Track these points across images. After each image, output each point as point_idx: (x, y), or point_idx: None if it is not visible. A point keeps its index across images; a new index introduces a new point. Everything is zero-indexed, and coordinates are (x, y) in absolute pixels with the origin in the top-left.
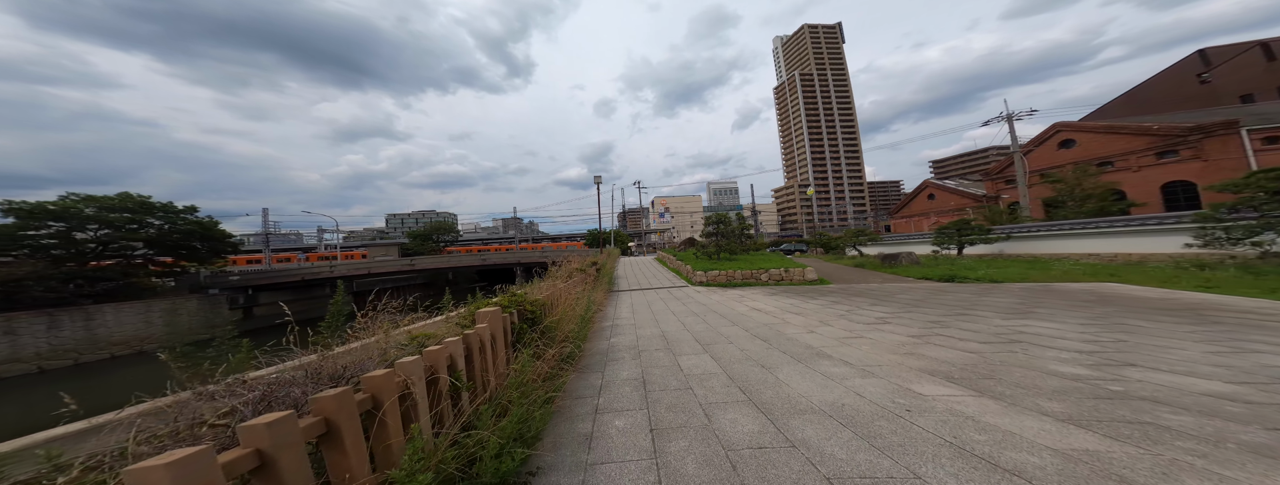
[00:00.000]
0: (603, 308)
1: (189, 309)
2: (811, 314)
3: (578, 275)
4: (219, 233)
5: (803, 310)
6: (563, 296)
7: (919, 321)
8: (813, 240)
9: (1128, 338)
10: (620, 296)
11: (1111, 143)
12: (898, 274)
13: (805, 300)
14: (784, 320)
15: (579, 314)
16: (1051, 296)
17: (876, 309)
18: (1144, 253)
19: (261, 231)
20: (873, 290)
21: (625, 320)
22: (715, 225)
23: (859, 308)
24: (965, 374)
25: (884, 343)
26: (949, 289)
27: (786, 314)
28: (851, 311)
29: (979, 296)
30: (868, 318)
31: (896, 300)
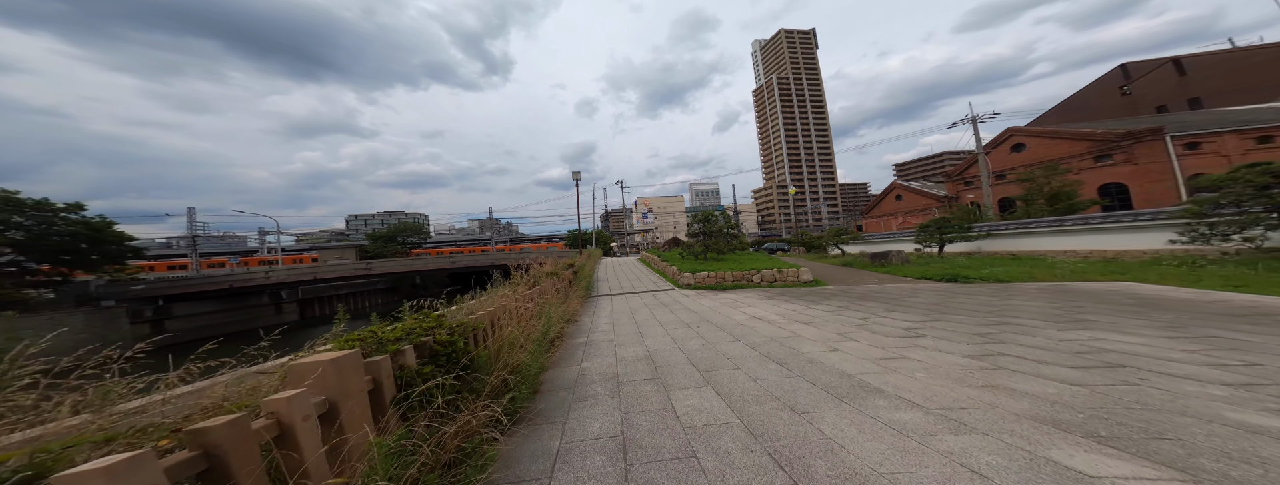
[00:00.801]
0: (577, 318)
1: (74, 325)
2: (823, 324)
3: (548, 280)
4: (113, 234)
5: (811, 319)
6: (514, 312)
7: (960, 334)
8: (794, 239)
9: (1257, 360)
10: (599, 303)
11: (1056, 147)
12: (892, 273)
13: (809, 306)
14: (794, 332)
15: (537, 334)
16: (1082, 299)
17: (896, 317)
18: (1119, 250)
19: (187, 233)
20: (877, 293)
21: (603, 334)
22: (701, 224)
23: (875, 315)
24: (1107, 425)
25: (939, 367)
26: (959, 291)
27: (794, 324)
28: (868, 320)
29: (1001, 300)
30: (893, 328)
31: (911, 305)
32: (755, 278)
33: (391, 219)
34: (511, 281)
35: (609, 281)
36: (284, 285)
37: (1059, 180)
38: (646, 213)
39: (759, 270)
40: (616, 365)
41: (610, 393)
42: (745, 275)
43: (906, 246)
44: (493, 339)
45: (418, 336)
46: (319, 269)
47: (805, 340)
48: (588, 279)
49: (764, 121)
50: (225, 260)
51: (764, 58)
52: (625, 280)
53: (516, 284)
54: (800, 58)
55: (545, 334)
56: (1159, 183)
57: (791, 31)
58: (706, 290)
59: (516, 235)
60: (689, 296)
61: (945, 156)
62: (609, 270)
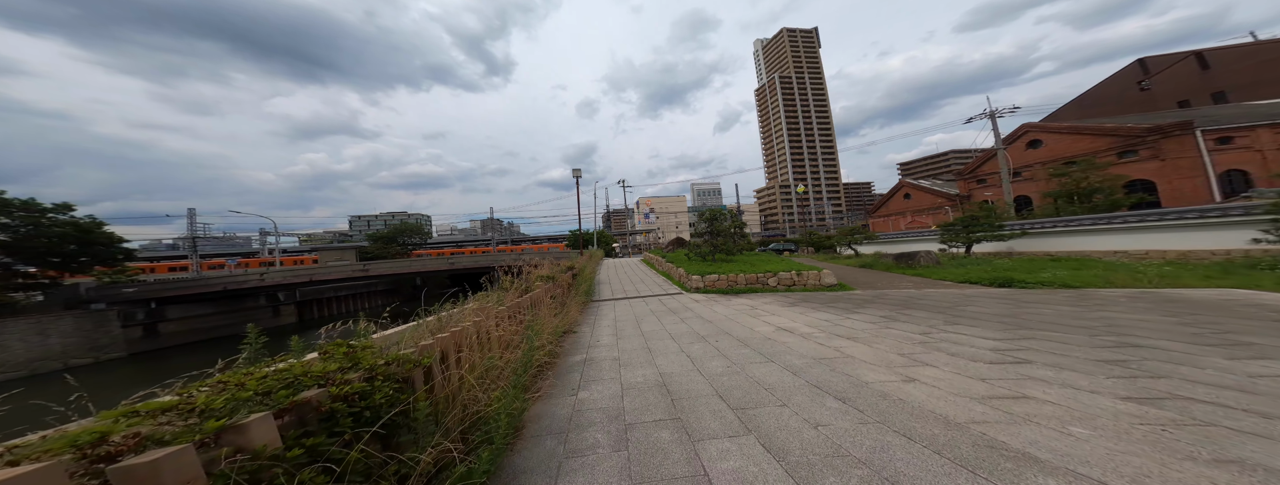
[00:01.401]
0: (576, 328)
1: (61, 329)
2: (874, 340)
3: (543, 285)
4: (103, 236)
5: (854, 332)
6: (481, 335)
7: (1079, 360)
8: (802, 239)
9: None
10: (601, 309)
11: (1076, 143)
12: (924, 276)
13: (843, 315)
14: (840, 351)
15: (518, 363)
16: (1206, 312)
17: (967, 332)
18: (1183, 250)
19: (187, 234)
20: (919, 299)
21: (605, 350)
22: (708, 223)
23: (936, 329)
24: None
25: (1097, 417)
26: (1024, 298)
27: (835, 339)
28: (930, 335)
29: (1092, 311)
30: (974, 350)
31: (975, 316)
32: (771, 280)
33: (394, 220)
34: (501, 286)
35: (611, 284)
36: (280, 287)
37: (1098, 175)
38: (649, 213)
39: (775, 272)
40: (622, 396)
41: (615, 443)
42: (760, 278)
43: (928, 246)
44: (451, 373)
45: (301, 389)
46: (315, 270)
47: (861, 363)
48: (588, 282)
49: (766, 121)
50: (223, 261)
51: (766, 57)
52: (628, 283)
53: (507, 290)
54: (803, 57)
55: (529, 358)
56: (1189, 179)
57: (794, 30)
58: (717, 294)
59: (518, 236)
60: (699, 302)
61: (951, 155)
62: (611, 272)
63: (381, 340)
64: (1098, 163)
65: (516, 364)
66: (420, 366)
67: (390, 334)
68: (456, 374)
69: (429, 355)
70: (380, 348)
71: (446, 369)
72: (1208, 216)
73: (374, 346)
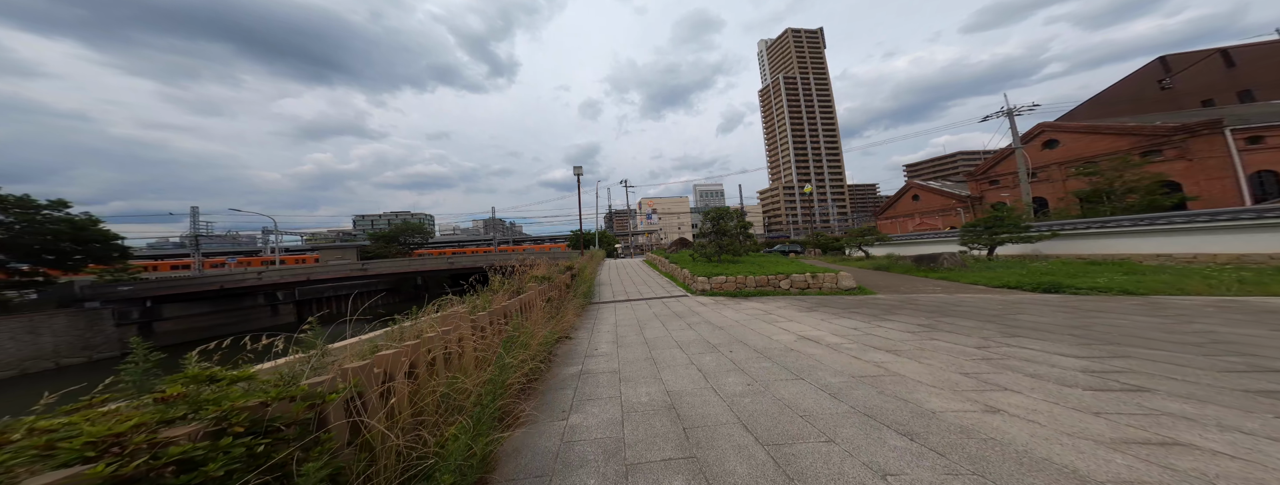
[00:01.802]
0: (572, 334)
1: (54, 328)
2: (922, 354)
3: (536, 288)
4: (99, 233)
5: (892, 343)
6: (451, 349)
7: (1222, 390)
8: (808, 240)
9: None
10: (601, 312)
11: (1095, 143)
12: (951, 279)
13: (872, 322)
14: (883, 368)
15: (489, 386)
16: None
17: (1036, 347)
18: (1237, 253)
19: (190, 232)
20: (955, 306)
21: (603, 360)
22: (713, 223)
23: (993, 342)
24: None
25: None
26: (1083, 307)
27: (872, 351)
28: (989, 350)
29: (1182, 324)
30: (1068, 375)
31: (1037, 327)
32: (783, 283)
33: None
34: (491, 287)
35: (612, 285)
36: (279, 286)
37: (1132, 173)
38: (651, 213)
39: (788, 275)
40: (622, 422)
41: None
42: (771, 280)
43: (946, 248)
44: (400, 403)
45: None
46: (313, 270)
47: (916, 384)
48: (588, 283)
49: (770, 122)
50: (223, 260)
51: (770, 57)
52: (630, 284)
53: (496, 291)
54: (808, 57)
55: (500, 380)
56: (1218, 180)
57: (799, 31)
58: (725, 297)
59: (520, 236)
60: (706, 305)
61: (959, 157)
62: (612, 272)
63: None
64: (1133, 160)
65: (486, 388)
66: (324, 402)
67: (342, 346)
68: (402, 404)
69: (348, 385)
70: (282, 376)
71: (390, 398)
72: (1266, 217)
73: (256, 377)
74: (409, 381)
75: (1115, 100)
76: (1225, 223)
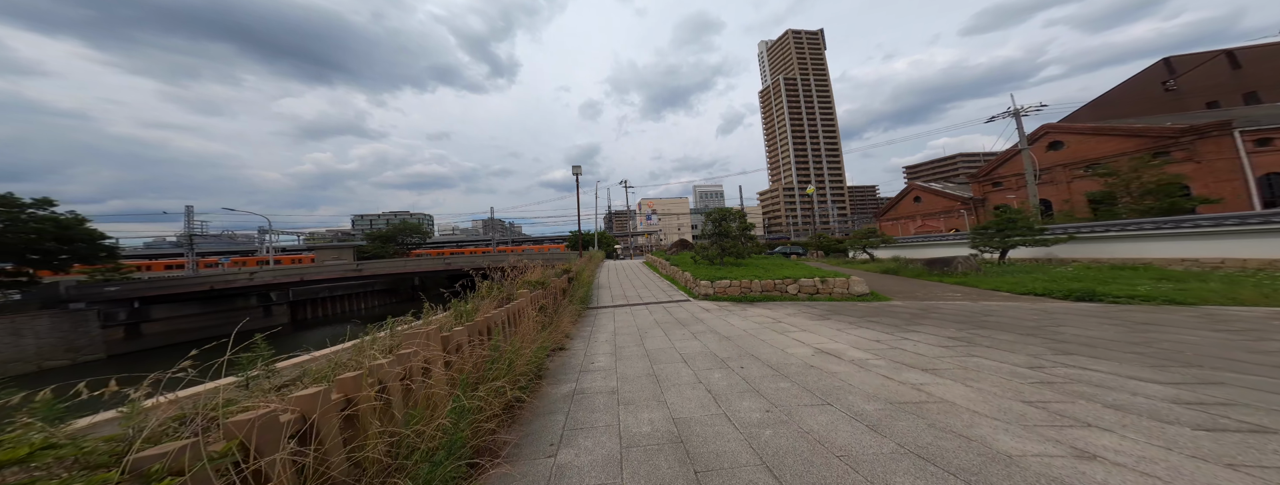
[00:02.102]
0: (567, 344)
1: (37, 329)
2: (965, 375)
3: (528, 294)
4: (85, 233)
5: (928, 361)
6: (411, 377)
7: None
8: (811, 242)
9: None
10: (599, 319)
11: (1101, 144)
12: (969, 284)
13: (896, 334)
14: (926, 392)
15: (446, 439)
16: None
17: (1110, 370)
18: (1269, 258)
19: (185, 231)
20: (985, 315)
21: (600, 378)
22: (716, 224)
23: (1047, 360)
24: None
25: None
26: (1132, 319)
27: (904, 369)
28: (1046, 369)
29: (1267, 341)
30: (1161, 407)
31: (1088, 342)
32: (790, 288)
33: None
34: (479, 293)
35: (611, 288)
36: (272, 287)
37: (1153, 174)
38: (651, 214)
39: (795, 279)
40: (620, 462)
41: None
42: (777, 284)
43: (953, 250)
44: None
45: None
46: (306, 270)
47: (972, 415)
48: (586, 287)
49: (770, 123)
50: (216, 260)
51: (770, 59)
52: (630, 287)
53: (484, 298)
54: (808, 58)
55: (460, 431)
56: (1227, 182)
57: (799, 32)
58: (730, 302)
59: (519, 236)
60: (710, 311)
61: (959, 158)
62: (612, 274)
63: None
64: (1151, 161)
65: (443, 441)
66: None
67: (296, 364)
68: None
69: (229, 446)
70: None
71: (319, 450)
72: None
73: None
74: (346, 427)
75: (1118, 102)
76: (1256, 226)
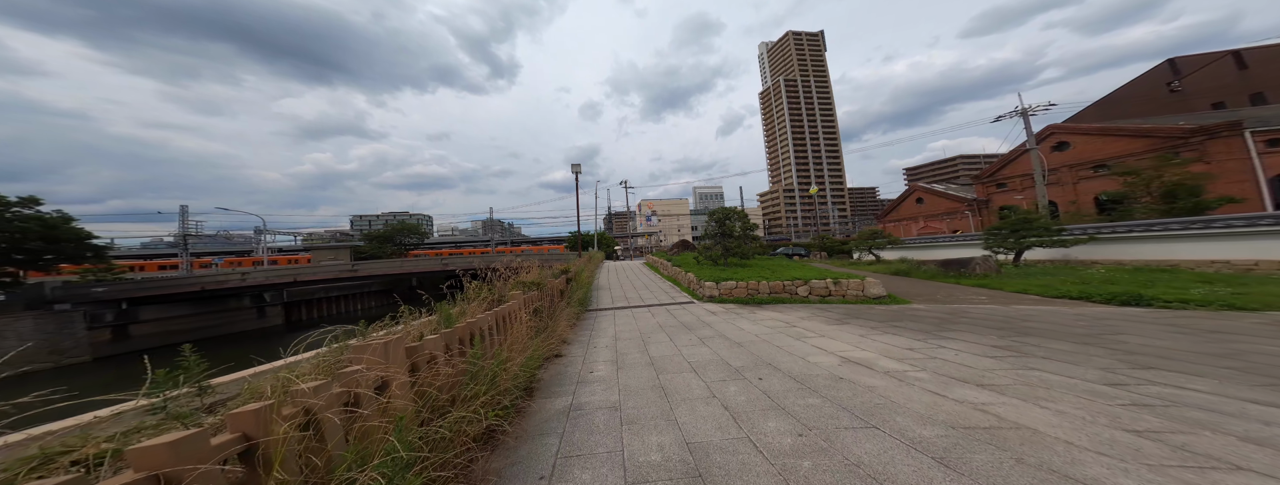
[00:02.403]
0: (564, 350)
1: (19, 331)
2: (1032, 394)
3: (521, 296)
4: (72, 232)
5: (980, 375)
6: (319, 420)
7: None
8: (813, 243)
9: None
10: (598, 322)
11: (1108, 145)
12: (990, 287)
13: (927, 341)
14: (995, 415)
15: None
16: None
17: (1210, 389)
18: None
19: (179, 232)
20: (1022, 321)
21: (599, 391)
22: (719, 224)
23: (1121, 376)
24: None
25: None
26: (1196, 327)
27: (954, 384)
28: (1130, 387)
29: None
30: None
31: (1162, 354)
32: (800, 290)
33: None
34: (465, 296)
35: (612, 290)
36: (264, 287)
37: (1175, 172)
38: (650, 215)
39: (806, 280)
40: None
41: None
42: (786, 286)
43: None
44: None
45: None
46: (300, 270)
47: (1068, 447)
48: (585, 288)
49: (770, 124)
50: (209, 260)
51: (771, 60)
52: (631, 288)
53: (471, 300)
54: (809, 60)
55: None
56: (1237, 183)
57: (799, 33)
58: (736, 305)
59: (518, 237)
60: (717, 313)
61: (959, 160)
62: (612, 275)
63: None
64: (1172, 158)
65: None
66: None
67: (236, 379)
68: None
69: None
70: None
71: None
72: None
73: None
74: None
75: (1122, 103)
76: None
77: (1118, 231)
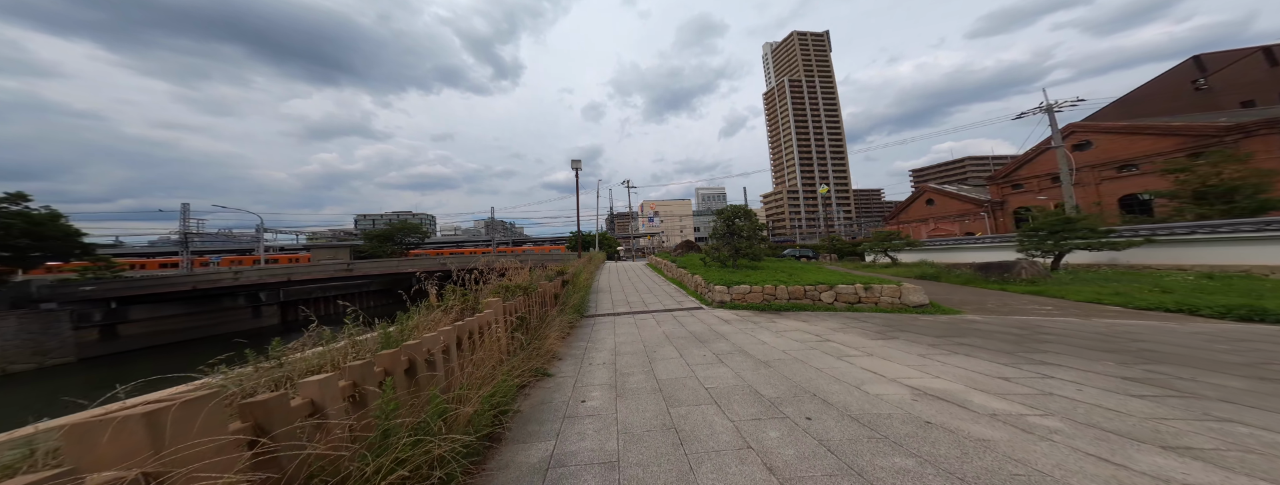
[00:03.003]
0: (554, 366)
1: (3, 331)
2: (1270, 465)
3: (499, 303)
4: (58, 229)
5: (1147, 426)
6: None
7: None
8: (822, 245)
9: None
10: (597, 331)
11: (1134, 144)
12: (1048, 295)
13: (1025, 369)
14: None
15: None
16: None
17: None
18: None
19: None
20: (1136, 340)
21: (591, 432)
22: (727, 222)
23: None
24: None
25: None
26: None
27: (1128, 445)
28: None
29: None
30: None
31: None
32: (825, 295)
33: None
34: (428, 304)
35: (612, 293)
36: (259, 287)
37: (1233, 169)
38: (653, 216)
39: (831, 285)
40: None
41: None
42: (808, 292)
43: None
44: None
45: None
46: (294, 270)
47: None
48: (583, 291)
49: (774, 125)
50: (206, 259)
51: (775, 60)
52: (633, 291)
53: (438, 308)
54: (813, 60)
55: None
56: (1273, 182)
57: (804, 33)
58: (751, 312)
59: (520, 237)
60: (731, 322)
61: (968, 162)
62: (613, 277)
63: None
64: (1229, 153)
65: None
66: None
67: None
68: None
69: None
70: None
71: None
72: None
73: None
74: None
75: (1145, 101)
76: None
77: (1177, 233)
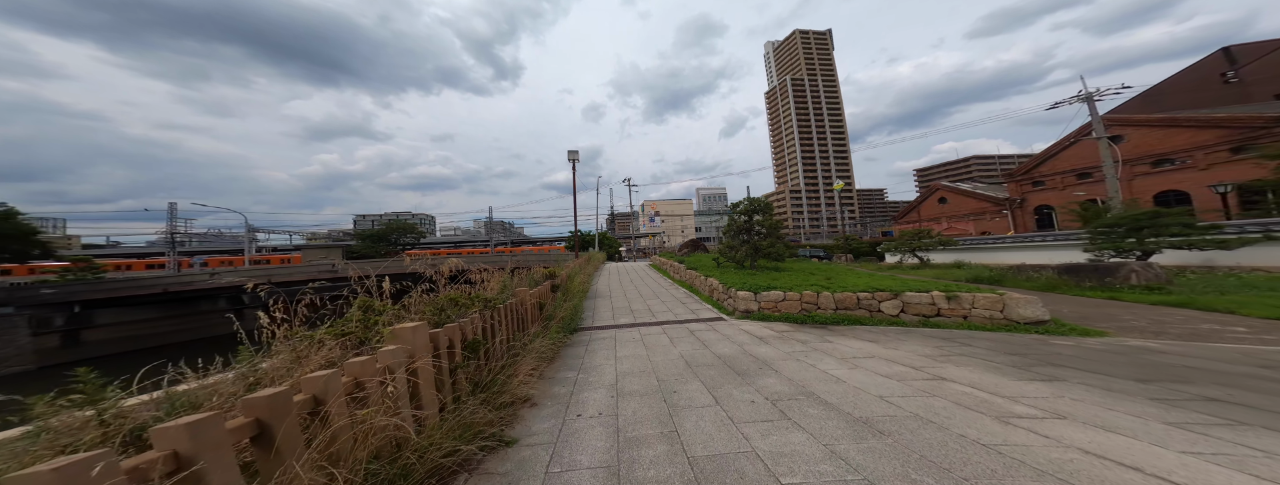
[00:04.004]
0: (519, 419)
1: None
2: None
3: (420, 330)
4: (13, 228)
5: None
6: None
7: None
8: (837, 245)
9: None
10: (592, 354)
11: (1170, 137)
12: (1188, 307)
13: None
14: None
15: None
16: None
17: None
18: None
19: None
20: None
21: None
22: (747, 217)
23: None
24: None
25: None
26: None
27: None
28: None
29: None
30: None
31: None
32: (886, 305)
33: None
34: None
35: (613, 299)
36: (238, 288)
37: None
38: (654, 216)
39: (895, 293)
40: None
41: None
42: (862, 300)
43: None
44: None
45: None
46: (274, 271)
47: None
48: (578, 297)
49: (776, 124)
50: (189, 261)
51: (777, 59)
52: (637, 296)
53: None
54: (815, 59)
55: None
56: None
57: (806, 32)
58: (788, 324)
59: (519, 237)
60: (768, 341)
61: (974, 160)
62: (613, 279)
63: None
64: None
65: None
66: None
67: None
68: None
69: None
70: None
71: None
72: None
73: None
74: None
75: (1171, 94)
76: None
77: None
